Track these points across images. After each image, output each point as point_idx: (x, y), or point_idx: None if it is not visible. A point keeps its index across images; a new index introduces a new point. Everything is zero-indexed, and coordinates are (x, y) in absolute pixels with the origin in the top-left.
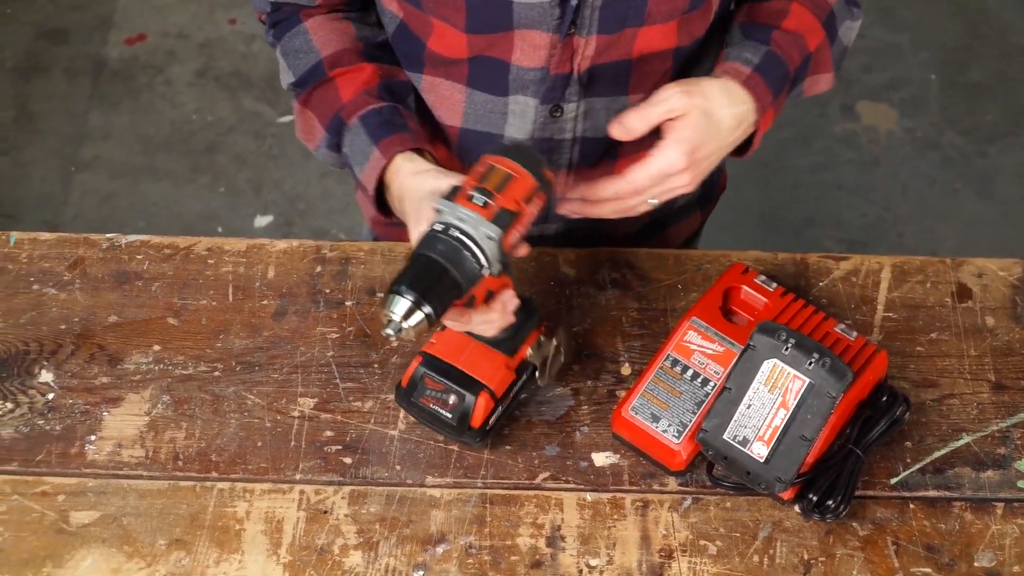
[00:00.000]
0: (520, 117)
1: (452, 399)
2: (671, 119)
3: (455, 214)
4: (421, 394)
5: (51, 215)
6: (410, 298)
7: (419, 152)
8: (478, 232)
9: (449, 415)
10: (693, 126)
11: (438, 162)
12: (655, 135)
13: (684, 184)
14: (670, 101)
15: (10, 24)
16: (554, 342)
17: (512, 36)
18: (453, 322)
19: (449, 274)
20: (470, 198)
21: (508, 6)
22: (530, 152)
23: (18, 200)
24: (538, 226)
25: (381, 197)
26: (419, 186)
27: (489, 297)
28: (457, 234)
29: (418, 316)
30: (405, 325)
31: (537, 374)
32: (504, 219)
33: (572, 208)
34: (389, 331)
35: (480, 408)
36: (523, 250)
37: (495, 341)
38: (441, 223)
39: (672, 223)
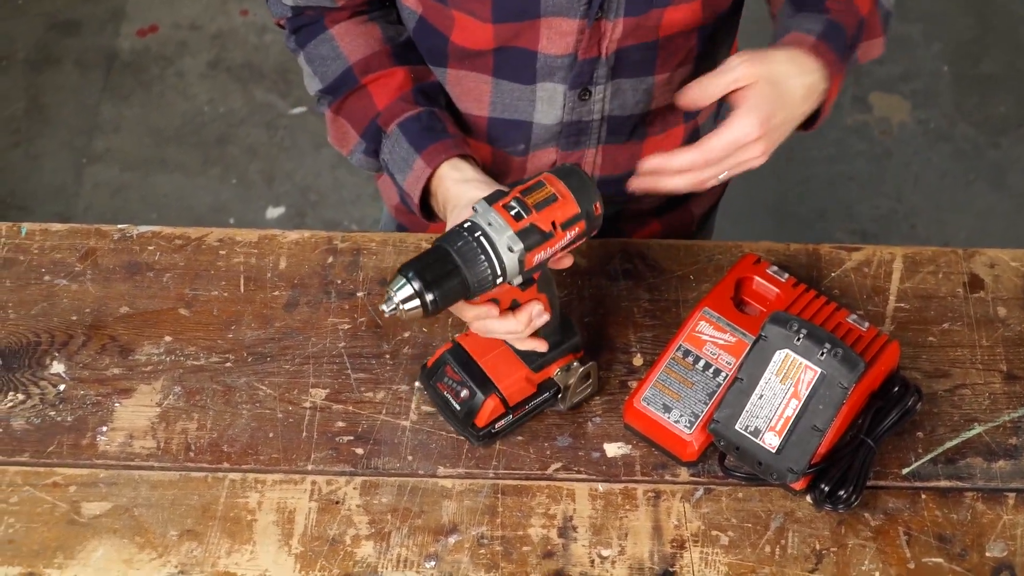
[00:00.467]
0: (548, 103)
1: (464, 393)
2: (738, 90)
3: (487, 217)
4: (440, 379)
5: (63, 207)
6: (415, 285)
7: (463, 157)
8: (501, 240)
9: (458, 407)
10: (764, 95)
11: (482, 167)
12: (680, 113)
13: (757, 155)
14: (736, 71)
15: (22, 16)
16: (583, 370)
17: (539, 24)
18: (475, 323)
19: (459, 272)
20: (507, 207)
21: None
22: (587, 182)
23: (30, 192)
24: None
25: (424, 201)
26: (465, 194)
27: (514, 306)
28: (479, 236)
29: (415, 303)
30: (402, 307)
31: (560, 396)
32: (532, 236)
33: (643, 184)
34: (385, 307)
35: (487, 410)
36: (567, 261)
37: (526, 354)
38: (470, 222)
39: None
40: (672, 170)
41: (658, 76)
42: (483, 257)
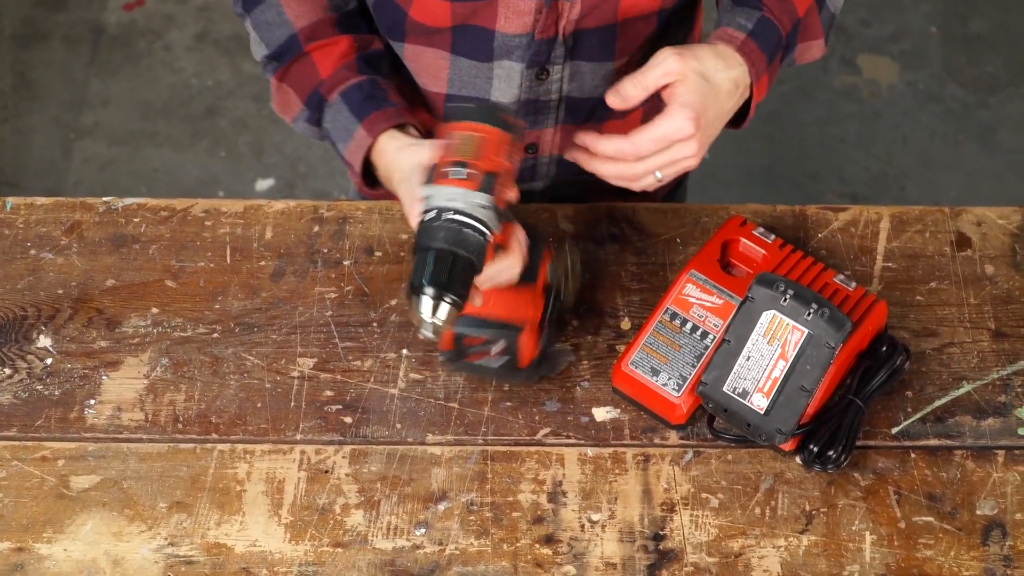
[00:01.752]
0: (506, 81)
1: (497, 348)
2: (669, 85)
3: (442, 196)
4: (465, 354)
5: (53, 183)
6: (431, 293)
7: (401, 127)
8: (470, 205)
9: (499, 364)
10: (695, 90)
11: (421, 131)
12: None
13: (691, 153)
14: (665, 64)
15: None
16: (566, 252)
17: (496, 3)
18: (486, 283)
19: (460, 256)
20: (448, 175)
21: None
22: (487, 106)
23: (20, 168)
24: (525, 183)
25: (366, 170)
26: (405, 162)
27: (498, 249)
28: (452, 215)
29: (444, 307)
30: (437, 320)
31: (561, 293)
32: (489, 183)
33: (574, 157)
34: (426, 332)
35: (526, 348)
36: (513, 194)
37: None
38: (432, 208)
39: None
40: (601, 153)
41: (617, 61)
42: (468, 231)
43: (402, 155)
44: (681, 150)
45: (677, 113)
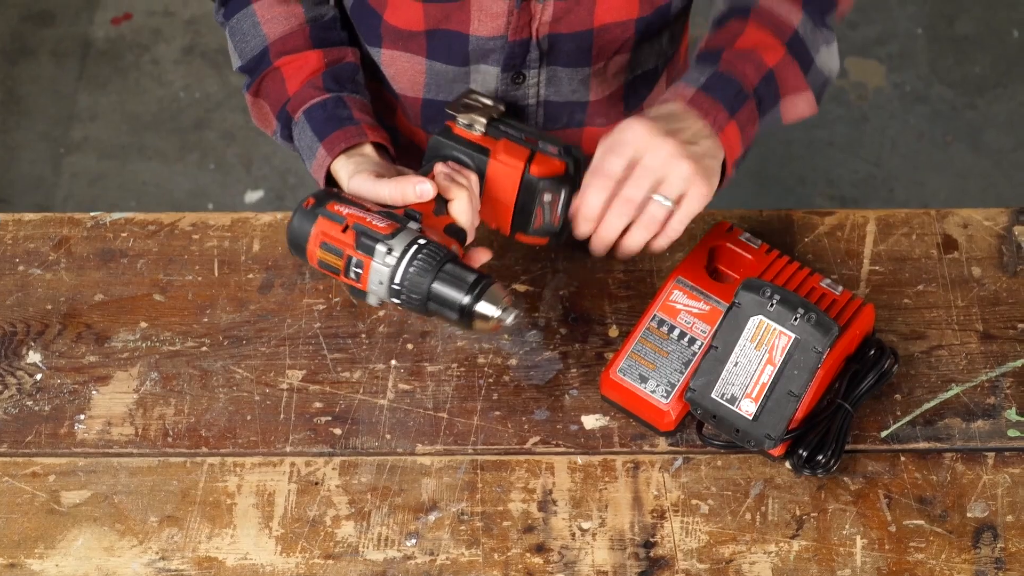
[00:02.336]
0: (481, 86)
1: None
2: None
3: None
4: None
5: (42, 197)
6: (480, 307)
7: (360, 146)
8: (404, 243)
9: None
10: (636, 118)
11: (380, 152)
12: (620, 103)
13: (686, 172)
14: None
15: None
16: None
17: (468, 5)
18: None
19: (446, 267)
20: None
21: None
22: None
23: (9, 183)
24: None
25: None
26: (354, 190)
27: (443, 210)
28: (412, 253)
29: (491, 297)
30: (503, 307)
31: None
32: (404, 219)
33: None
34: (510, 320)
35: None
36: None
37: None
38: (390, 257)
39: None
40: (586, 218)
41: (594, 66)
42: (428, 250)
43: (351, 183)
44: (669, 167)
45: (623, 125)
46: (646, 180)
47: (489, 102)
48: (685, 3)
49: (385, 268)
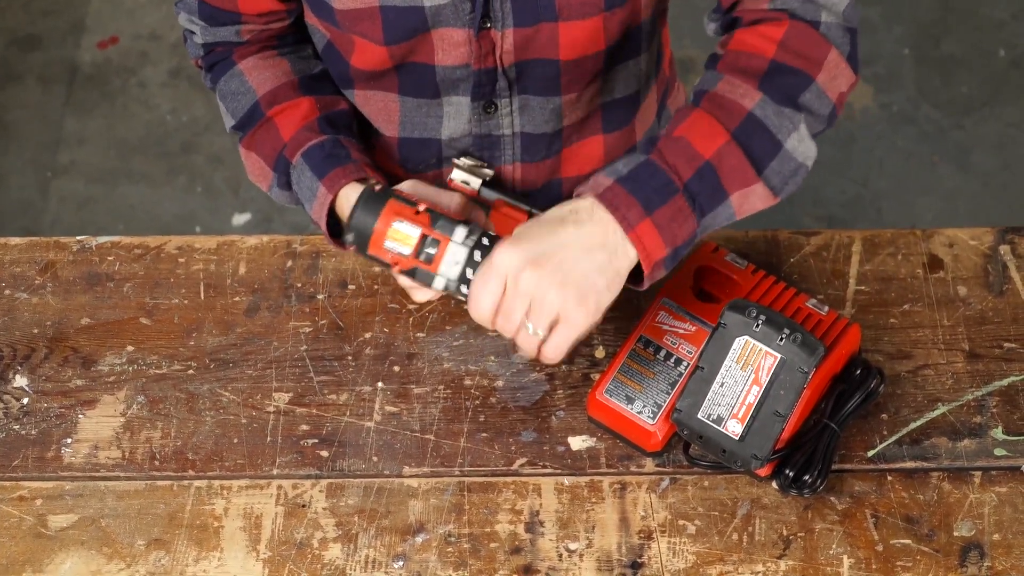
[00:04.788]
0: (455, 118)
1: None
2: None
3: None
4: None
5: (29, 222)
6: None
7: (363, 181)
8: (479, 230)
9: None
10: (519, 230)
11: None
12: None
13: (532, 284)
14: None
15: None
16: None
17: (430, 37)
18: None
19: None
20: (402, 213)
21: (420, 10)
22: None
23: None
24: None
25: (336, 228)
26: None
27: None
28: (490, 238)
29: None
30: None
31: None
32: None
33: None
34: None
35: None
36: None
37: None
38: (470, 239)
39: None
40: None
41: (565, 95)
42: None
43: (403, 185)
44: (519, 283)
45: (493, 253)
46: (519, 305)
47: (476, 165)
48: (654, 17)
49: (463, 248)
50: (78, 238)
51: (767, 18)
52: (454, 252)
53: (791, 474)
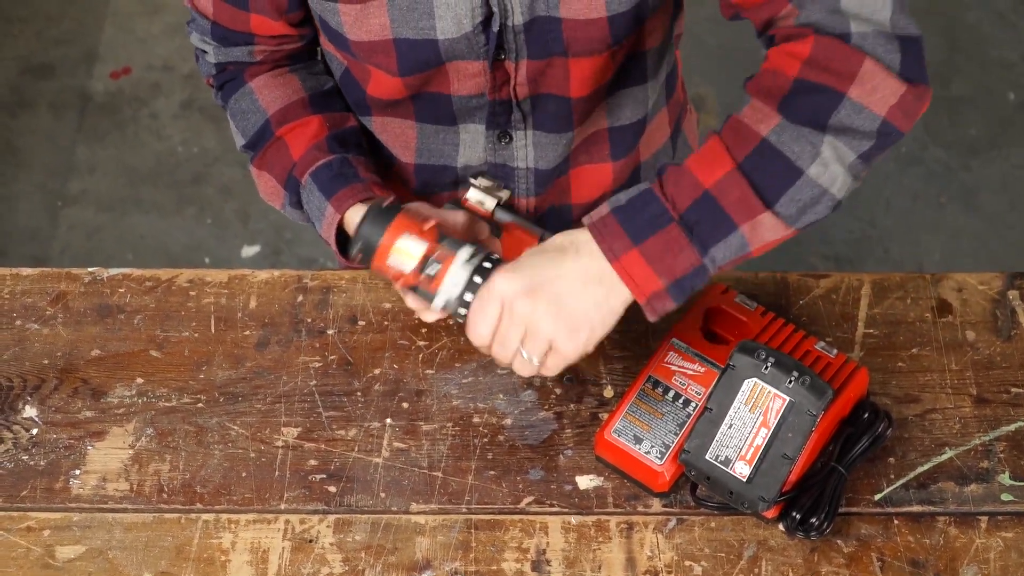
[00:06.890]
0: (471, 146)
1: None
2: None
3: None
4: None
5: (38, 250)
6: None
7: (371, 200)
8: (484, 251)
9: None
10: (518, 260)
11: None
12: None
13: (526, 310)
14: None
15: None
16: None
17: (445, 69)
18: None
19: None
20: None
21: (433, 43)
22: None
23: (5, 235)
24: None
25: (347, 245)
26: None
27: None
28: (493, 260)
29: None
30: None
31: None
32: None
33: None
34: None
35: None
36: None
37: None
38: (473, 260)
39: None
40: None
41: (576, 131)
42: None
43: (410, 206)
44: (513, 308)
45: (491, 279)
46: (514, 333)
47: (493, 187)
48: (661, 45)
49: (464, 271)
50: (89, 269)
51: (793, 35)
52: (454, 274)
53: (798, 516)
